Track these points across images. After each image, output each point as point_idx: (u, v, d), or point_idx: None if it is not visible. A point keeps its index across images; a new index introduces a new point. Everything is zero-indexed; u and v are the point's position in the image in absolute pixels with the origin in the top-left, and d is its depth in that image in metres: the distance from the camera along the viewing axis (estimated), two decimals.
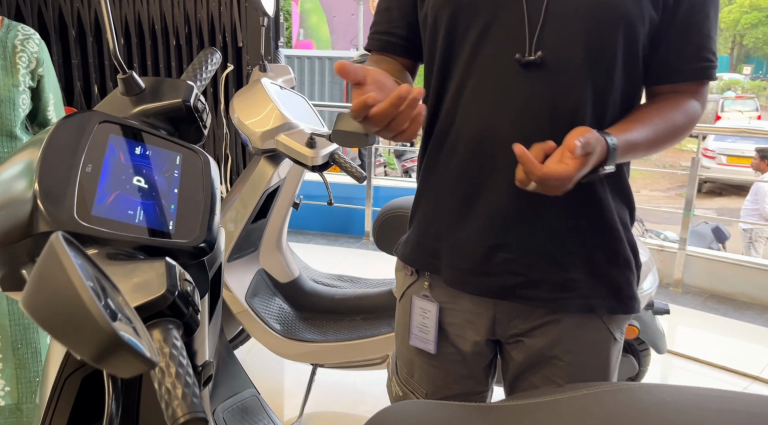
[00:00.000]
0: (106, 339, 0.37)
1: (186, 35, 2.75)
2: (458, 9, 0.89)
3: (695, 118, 0.92)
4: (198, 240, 0.72)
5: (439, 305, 1.01)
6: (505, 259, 0.92)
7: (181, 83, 0.87)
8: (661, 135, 0.89)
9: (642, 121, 0.88)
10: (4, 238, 0.63)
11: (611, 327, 0.96)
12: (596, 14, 0.84)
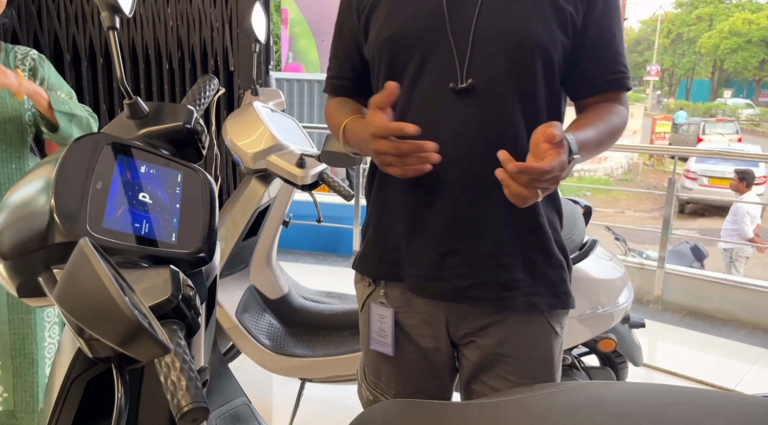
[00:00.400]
0: (131, 326, 0.43)
1: (179, 60, 2.83)
2: (398, 47, 1.01)
3: (625, 119, 1.05)
4: (199, 251, 0.79)
5: (395, 310, 1.10)
6: (455, 264, 1.02)
7: (182, 108, 0.94)
8: (605, 134, 0.99)
9: (587, 124, 0.98)
10: (22, 248, 0.70)
11: (552, 322, 1.06)
12: (515, 44, 0.96)
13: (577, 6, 0.98)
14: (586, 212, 1.93)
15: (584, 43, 1.00)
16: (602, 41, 1.01)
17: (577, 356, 2.00)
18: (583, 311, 1.79)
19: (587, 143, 0.94)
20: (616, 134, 1.02)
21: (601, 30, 1.00)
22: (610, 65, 1.02)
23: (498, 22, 0.96)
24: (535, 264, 1.02)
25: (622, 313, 1.87)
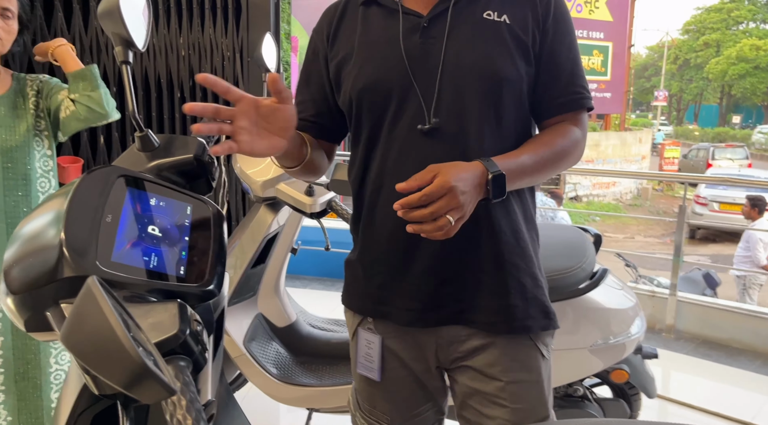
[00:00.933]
0: (137, 369, 0.43)
1: (191, 88, 2.88)
2: (374, 96, 1.05)
3: (577, 140, 1.06)
4: (206, 285, 0.78)
5: (382, 337, 1.12)
6: (451, 291, 1.05)
7: (192, 140, 0.95)
8: (546, 155, 1.01)
9: (525, 147, 1.02)
10: (32, 283, 0.70)
11: (538, 343, 1.08)
12: (483, 80, 1.00)
13: (534, 35, 1.02)
14: (596, 240, 1.92)
15: (539, 68, 1.04)
16: (556, 64, 1.04)
17: (589, 387, 1.97)
18: (594, 341, 1.77)
19: (519, 163, 0.97)
20: (564, 156, 1.04)
21: (553, 54, 1.04)
22: (566, 87, 1.05)
23: (465, 61, 1.00)
24: (525, 288, 1.05)
25: (634, 344, 1.84)
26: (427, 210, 0.88)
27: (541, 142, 1.03)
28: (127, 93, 0.89)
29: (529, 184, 1.04)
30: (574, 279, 1.73)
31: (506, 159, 0.96)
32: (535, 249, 1.09)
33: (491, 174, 0.92)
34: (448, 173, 0.88)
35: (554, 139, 1.04)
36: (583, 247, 1.81)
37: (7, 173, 1.55)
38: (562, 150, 1.04)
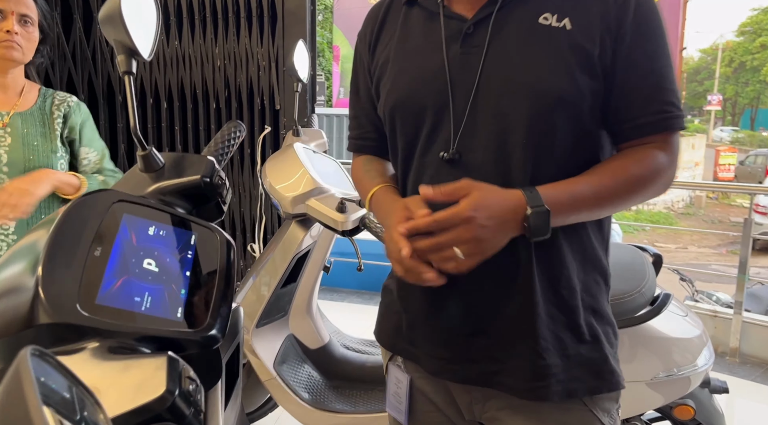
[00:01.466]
0: None
1: (226, 99, 2.82)
2: (405, 116, 0.93)
3: (660, 168, 0.86)
4: (207, 330, 0.67)
5: (411, 377, 1.00)
6: (485, 345, 0.90)
7: (202, 159, 0.85)
8: (614, 185, 0.84)
9: (587, 175, 0.85)
10: (4, 329, 0.60)
11: (594, 409, 0.90)
12: (527, 104, 0.84)
13: (604, 43, 0.84)
14: (656, 261, 1.74)
15: (614, 82, 0.86)
16: (633, 77, 0.85)
17: (649, 422, 1.78)
18: (655, 374, 1.59)
19: (573, 195, 0.82)
20: (638, 185, 0.86)
21: (630, 65, 0.85)
22: (644, 104, 0.86)
23: (507, 77, 0.85)
24: (564, 343, 0.88)
25: (701, 377, 1.65)
26: (430, 241, 0.77)
27: (608, 169, 0.86)
28: (129, 107, 0.80)
29: (586, 218, 0.87)
30: (632, 306, 1.56)
31: (557, 189, 0.82)
32: (593, 294, 0.91)
33: (531, 209, 0.78)
34: (473, 199, 0.77)
35: (626, 166, 0.86)
36: (641, 270, 1.64)
37: None
38: (637, 179, 0.85)
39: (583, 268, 0.90)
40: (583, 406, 0.89)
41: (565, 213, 0.81)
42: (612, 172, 0.85)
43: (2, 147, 1.47)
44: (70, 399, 0.40)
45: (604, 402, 0.91)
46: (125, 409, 0.54)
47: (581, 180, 0.84)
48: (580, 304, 0.89)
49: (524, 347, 0.88)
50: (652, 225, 6.93)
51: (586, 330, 0.89)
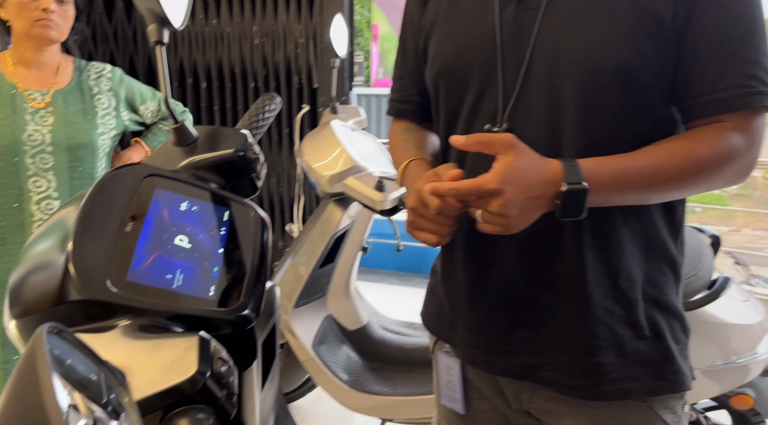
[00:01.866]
0: None
1: (264, 77, 2.80)
2: (451, 81, 0.86)
3: (733, 151, 0.74)
4: (240, 309, 0.64)
5: (461, 361, 0.94)
6: (524, 337, 0.84)
7: (236, 132, 0.81)
8: (671, 166, 0.74)
9: (640, 152, 0.75)
10: (36, 305, 0.59)
11: (656, 408, 0.81)
12: (585, 75, 0.76)
13: (678, 3, 0.73)
14: (714, 242, 1.63)
15: (685, 49, 0.75)
16: (707, 44, 0.74)
17: (704, 411, 1.70)
18: (711, 362, 1.50)
19: (618, 173, 0.73)
20: (703, 169, 0.74)
21: (704, 30, 0.73)
22: (718, 76, 0.74)
23: (564, 44, 0.76)
24: (622, 340, 0.80)
25: (761, 365, 1.55)
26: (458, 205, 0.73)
27: (666, 148, 0.75)
28: (161, 77, 0.77)
29: (634, 202, 0.77)
30: (688, 290, 1.47)
31: (601, 165, 0.73)
32: (657, 285, 0.82)
33: (567, 186, 0.70)
34: (504, 169, 0.69)
35: (691, 146, 0.75)
36: (698, 251, 1.54)
37: (73, 173, 1.50)
38: (701, 162, 0.74)
39: (646, 257, 0.81)
40: (642, 403, 0.82)
41: (606, 193, 0.72)
42: (671, 151, 0.75)
43: (45, 126, 1.47)
44: (89, 377, 0.38)
45: (668, 400, 0.82)
46: (155, 390, 0.51)
47: (633, 156, 0.74)
48: (641, 297, 0.81)
49: (572, 342, 0.81)
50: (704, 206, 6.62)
51: (647, 325, 0.81)
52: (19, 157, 1.44)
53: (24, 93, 1.48)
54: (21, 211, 1.46)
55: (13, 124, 1.44)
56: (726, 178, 0.76)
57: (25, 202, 1.46)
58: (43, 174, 1.46)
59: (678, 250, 0.84)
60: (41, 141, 1.46)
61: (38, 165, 1.46)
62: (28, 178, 1.45)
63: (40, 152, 1.46)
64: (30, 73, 1.50)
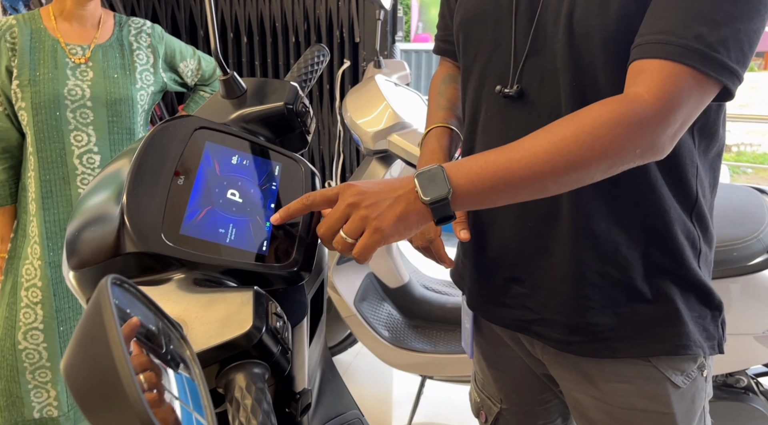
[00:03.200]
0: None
1: (305, 32, 2.75)
2: (468, 35, 0.84)
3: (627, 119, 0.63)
4: (293, 265, 0.64)
5: (473, 313, 0.97)
6: (520, 293, 0.85)
7: (285, 84, 0.79)
8: (543, 147, 0.64)
9: (510, 144, 0.67)
10: (92, 257, 0.59)
11: (661, 368, 0.80)
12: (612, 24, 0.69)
13: None
14: None
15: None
16: None
17: (755, 376, 1.65)
18: (766, 328, 1.45)
19: (481, 164, 0.65)
20: (584, 143, 0.64)
21: None
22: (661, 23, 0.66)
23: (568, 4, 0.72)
24: (617, 302, 0.79)
25: None
26: (319, 226, 0.67)
27: (544, 131, 0.67)
28: (210, 29, 0.75)
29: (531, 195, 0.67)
30: (747, 253, 1.41)
31: (463, 161, 0.67)
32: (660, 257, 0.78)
33: (420, 171, 0.65)
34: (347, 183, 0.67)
35: (572, 121, 0.65)
36: (759, 213, 1.47)
37: (112, 127, 1.52)
38: (581, 138, 0.64)
39: (651, 228, 0.77)
40: (646, 362, 0.80)
41: (480, 175, 0.65)
42: (547, 132, 0.66)
43: (85, 82, 1.48)
44: (152, 329, 0.37)
45: (675, 361, 0.80)
46: (210, 344, 0.51)
47: (505, 147, 0.67)
48: (642, 263, 0.77)
49: (564, 302, 0.80)
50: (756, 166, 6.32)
51: (649, 290, 0.78)
52: (60, 111, 1.46)
53: (65, 47, 1.48)
54: (64, 165, 1.49)
55: (55, 78, 1.45)
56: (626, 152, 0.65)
57: (67, 156, 1.48)
58: (83, 128, 1.48)
59: (696, 221, 0.79)
60: (81, 95, 1.47)
61: (78, 119, 1.47)
62: (69, 132, 1.47)
63: (81, 107, 1.47)
64: (71, 28, 1.50)
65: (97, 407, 0.29)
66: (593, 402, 0.84)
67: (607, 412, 0.83)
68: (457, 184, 0.64)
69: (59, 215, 1.50)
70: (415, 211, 0.65)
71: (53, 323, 1.50)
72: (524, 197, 0.67)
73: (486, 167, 0.65)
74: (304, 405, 0.73)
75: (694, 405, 0.83)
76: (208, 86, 1.72)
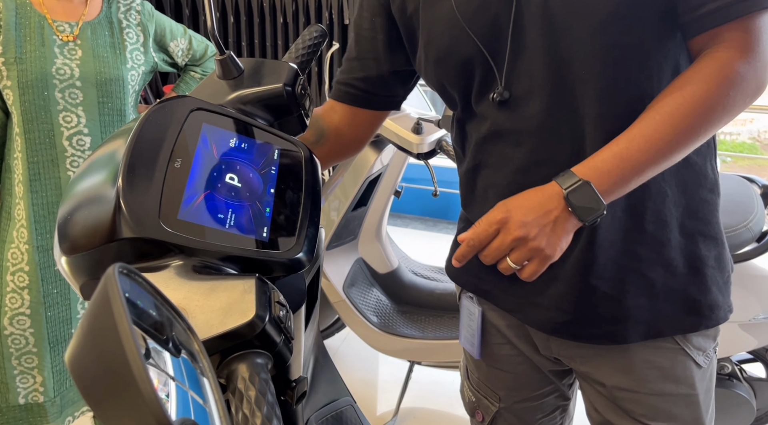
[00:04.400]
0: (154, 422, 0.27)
1: (293, 13, 2.71)
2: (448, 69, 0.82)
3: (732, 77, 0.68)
4: (295, 252, 0.62)
5: (482, 310, 0.94)
6: (554, 293, 0.82)
7: (284, 65, 0.77)
8: (669, 124, 0.68)
9: (635, 123, 0.71)
10: (86, 242, 0.56)
11: (687, 347, 0.81)
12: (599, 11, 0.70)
13: None
14: (766, 193, 1.57)
15: None
16: None
17: (739, 363, 1.68)
18: (754, 316, 1.47)
19: (616, 154, 0.69)
20: (707, 110, 0.69)
21: None
22: None
23: None
24: (653, 282, 0.79)
25: None
26: (482, 255, 0.72)
27: (661, 105, 0.70)
28: (207, 6, 0.72)
29: (662, 166, 0.71)
30: (736, 242, 1.42)
31: (594, 157, 0.71)
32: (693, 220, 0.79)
33: (566, 189, 0.69)
34: (502, 202, 0.72)
35: (684, 92, 0.69)
36: (749, 202, 1.48)
37: (103, 108, 1.47)
38: (702, 105, 0.68)
39: (684, 189, 0.78)
40: (674, 344, 0.81)
41: (618, 177, 0.69)
42: (665, 106, 0.69)
43: (74, 61, 1.43)
44: (160, 321, 0.36)
45: (700, 340, 0.81)
46: (212, 333, 0.50)
47: (628, 132, 0.70)
48: (676, 234, 0.78)
49: (600, 293, 0.79)
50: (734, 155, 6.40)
51: (683, 261, 0.79)
52: (48, 91, 1.41)
53: (53, 24, 1.43)
54: (53, 147, 1.44)
55: (42, 56, 1.40)
56: (736, 107, 0.71)
57: (56, 137, 1.44)
58: (72, 109, 1.43)
59: (715, 171, 0.82)
60: (70, 75, 1.42)
61: (67, 100, 1.43)
62: (58, 112, 1.43)
63: (69, 86, 1.43)
64: (58, 3, 1.45)
65: (107, 402, 0.28)
66: (624, 393, 0.83)
67: (638, 401, 0.82)
68: (604, 193, 0.69)
69: (48, 198, 1.46)
70: (572, 226, 0.70)
71: (40, 308, 1.47)
72: (660, 171, 0.72)
73: (623, 165, 0.68)
74: (300, 392, 0.72)
75: (711, 384, 0.85)
76: (199, 67, 1.68)
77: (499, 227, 0.70)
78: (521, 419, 0.98)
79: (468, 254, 0.73)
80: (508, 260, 0.70)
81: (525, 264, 0.71)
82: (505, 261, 0.70)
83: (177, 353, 0.39)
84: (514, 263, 0.70)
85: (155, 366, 0.34)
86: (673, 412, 0.82)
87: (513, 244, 0.69)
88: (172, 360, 0.38)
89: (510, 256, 0.70)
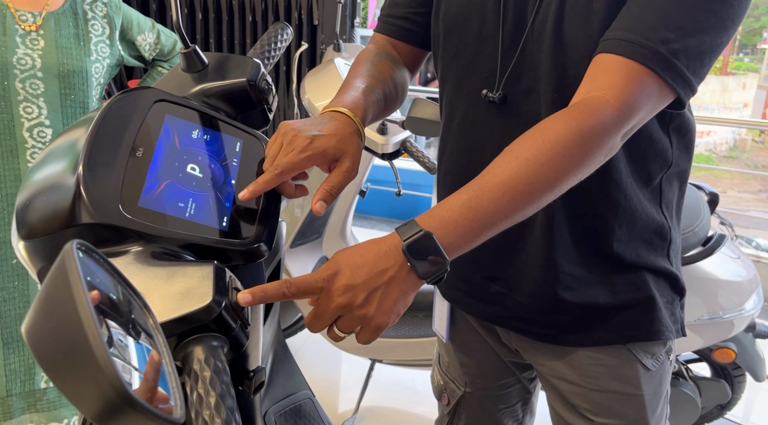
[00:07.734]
0: (114, 395, 0.28)
1: (262, 11, 2.70)
2: (450, 29, 0.83)
3: (598, 124, 0.63)
4: (253, 241, 0.64)
5: None
6: (499, 292, 0.86)
7: (248, 61, 0.78)
8: (525, 167, 0.63)
9: (483, 172, 0.65)
10: (44, 227, 0.57)
11: (635, 351, 0.83)
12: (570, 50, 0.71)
13: None
14: (712, 200, 1.65)
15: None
16: None
17: (685, 363, 1.75)
18: (699, 316, 1.54)
19: (464, 202, 0.62)
20: (564, 154, 0.63)
21: None
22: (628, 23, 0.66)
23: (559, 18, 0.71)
24: (594, 299, 0.81)
25: (746, 321, 1.59)
26: (306, 323, 0.62)
27: (516, 149, 0.65)
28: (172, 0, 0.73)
29: (510, 223, 0.64)
30: (684, 245, 1.49)
31: (440, 205, 0.63)
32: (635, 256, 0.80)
33: (406, 241, 0.59)
34: (332, 260, 0.61)
35: (542, 134, 0.64)
36: (696, 208, 1.55)
37: (65, 100, 1.45)
38: (559, 150, 0.63)
39: (623, 229, 0.78)
40: (621, 345, 0.83)
41: (465, 229, 0.62)
42: (523, 151, 0.64)
43: (35, 51, 1.41)
44: (116, 298, 0.37)
45: (647, 346, 0.84)
46: (170, 317, 0.51)
47: (479, 178, 0.64)
48: (616, 262, 0.80)
49: (540, 302, 0.83)
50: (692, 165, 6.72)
51: (623, 283, 0.81)
52: (8, 80, 1.39)
53: (15, 13, 1.41)
54: (12, 137, 1.42)
55: (3, 45, 1.37)
56: (597, 159, 0.66)
57: (16, 128, 1.41)
58: (33, 100, 1.41)
59: (668, 216, 0.82)
60: (31, 65, 1.40)
61: (28, 90, 1.40)
62: (18, 103, 1.40)
63: (30, 77, 1.41)
64: None
65: (64, 371, 0.29)
66: (570, 386, 0.86)
67: (583, 396, 0.85)
68: (449, 247, 0.61)
69: (6, 190, 1.43)
70: (411, 286, 0.61)
71: None
72: (513, 224, 0.65)
73: (471, 216, 0.61)
74: (258, 383, 0.73)
75: (661, 388, 0.86)
76: (167, 62, 1.67)
77: (324, 286, 0.58)
78: (483, 408, 1.02)
79: (277, 299, 0.58)
80: (335, 328, 0.60)
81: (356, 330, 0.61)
82: (332, 329, 0.61)
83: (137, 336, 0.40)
84: (341, 332, 0.61)
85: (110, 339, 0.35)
86: (618, 410, 0.84)
87: (336, 312, 0.59)
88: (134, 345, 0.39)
89: (336, 324, 0.60)
